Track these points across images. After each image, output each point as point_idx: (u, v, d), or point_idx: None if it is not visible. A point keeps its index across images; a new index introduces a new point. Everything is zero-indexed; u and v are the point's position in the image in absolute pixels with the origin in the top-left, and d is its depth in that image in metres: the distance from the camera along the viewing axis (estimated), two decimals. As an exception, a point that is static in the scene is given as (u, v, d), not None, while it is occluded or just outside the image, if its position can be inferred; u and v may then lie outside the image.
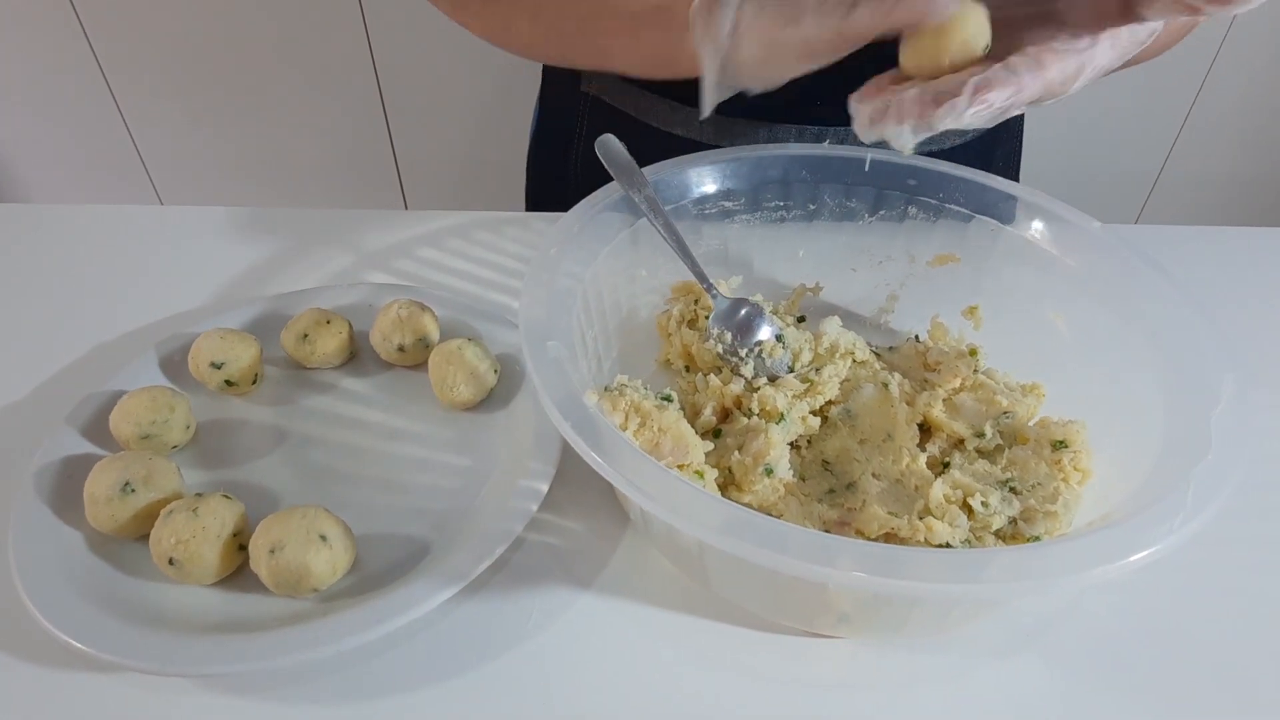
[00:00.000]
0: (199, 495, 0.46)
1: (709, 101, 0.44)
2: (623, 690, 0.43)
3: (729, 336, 0.55)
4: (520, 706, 0.43)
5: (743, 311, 0.55)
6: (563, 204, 0.56)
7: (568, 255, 0.51)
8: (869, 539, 0.46)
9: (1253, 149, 1.58)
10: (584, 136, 0.77)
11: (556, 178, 0.82)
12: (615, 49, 0.53)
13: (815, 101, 0.67)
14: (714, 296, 0.56)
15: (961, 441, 0.53)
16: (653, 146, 0.59)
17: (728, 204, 0.61)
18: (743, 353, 0.55)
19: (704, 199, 0.59)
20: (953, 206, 0.59)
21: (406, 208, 1.61)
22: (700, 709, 0.43)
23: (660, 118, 0.72)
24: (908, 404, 0.53)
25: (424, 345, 0.57)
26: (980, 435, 0.52)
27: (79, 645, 0.41)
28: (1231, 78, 1.47)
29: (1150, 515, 0.36)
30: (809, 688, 0.44)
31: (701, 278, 0.55)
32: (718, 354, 0.55)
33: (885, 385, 0.54)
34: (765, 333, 0.55)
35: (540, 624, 0.46)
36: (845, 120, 0.65)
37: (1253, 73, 1.47)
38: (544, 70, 0.82)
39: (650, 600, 0.47)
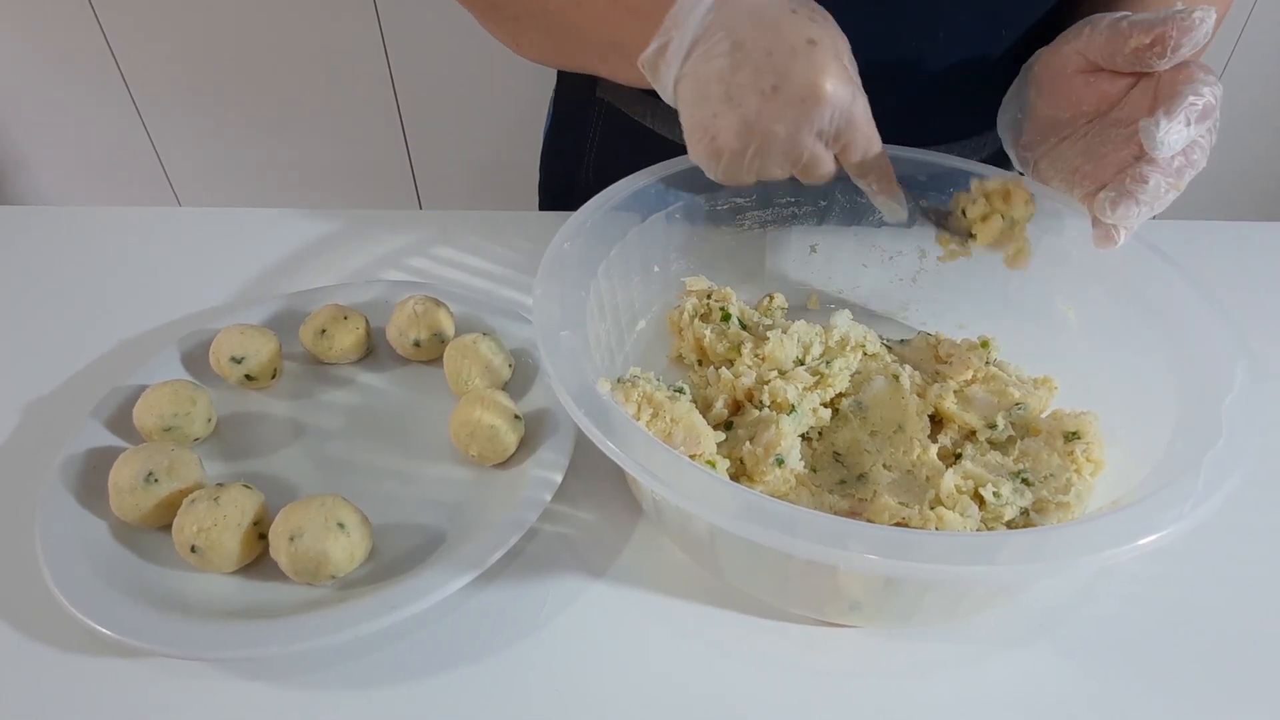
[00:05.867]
0: (220, 485, 0.46)
1: None
2: (635, 678, 0.44)
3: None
4: (533, 694, 0.43)
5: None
6: (575, 208, 0.56)
7: (580, 250, 0.51)
8: (880, 528, 0.46)
9: (1263, 144, 1.57)
10: (596, 143, 0.77)
11: (569, 182, 0.83)
12: (601, 70, 0.54)
13: None
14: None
15: (973, 433, 0.53)
16: (664, 156, 0.59)
17: (739, 200, 0.61)
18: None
19: (715, 196, 0.60)
20: (964, 201, 0.59)
21: (421, 209, 1.62)
22: (711, 697, 0.43)
23: (672, 128, 0.70)
24: (919, 396, 0.54)
25: (439, 340, 0.58)
26: (992, 427, 0.52)
27: (103, 630, 0.42)
28: (1245, 76, 1.47)
29: (1161, 499, 0.37)
30: (820, 676, 0.44)
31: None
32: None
33: (896, 378, 0.54)
34: None
35: (553, 612, 0.46)
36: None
37: (1267, 70, 1.47)
38: (558, 75, 0.82)
39: (662, 589, 0.48)
